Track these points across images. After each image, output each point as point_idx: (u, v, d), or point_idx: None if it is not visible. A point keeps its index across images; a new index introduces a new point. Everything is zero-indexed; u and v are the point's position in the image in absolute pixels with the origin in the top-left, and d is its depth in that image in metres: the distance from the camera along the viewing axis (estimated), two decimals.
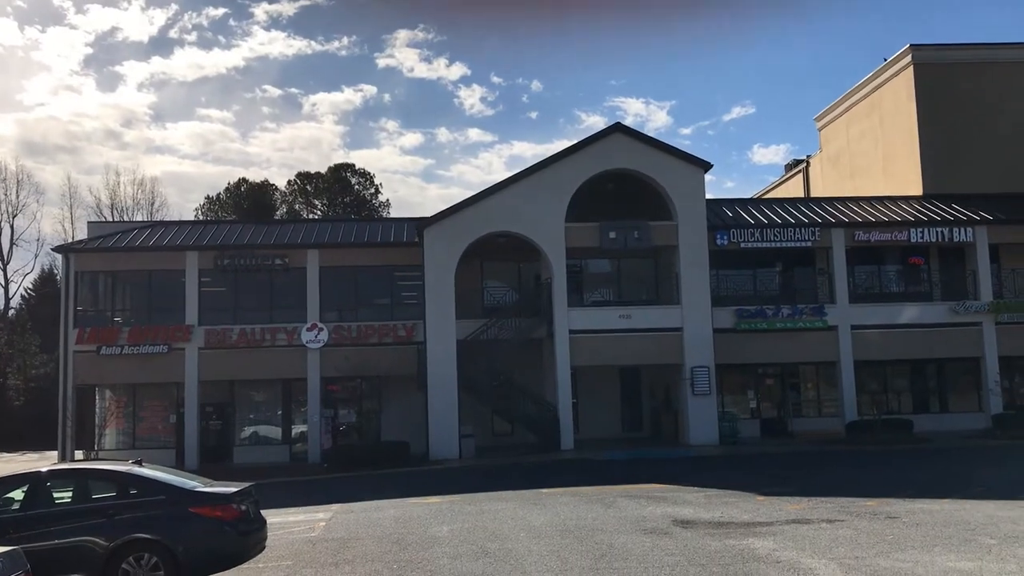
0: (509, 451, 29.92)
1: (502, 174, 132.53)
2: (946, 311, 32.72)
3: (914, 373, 34.21)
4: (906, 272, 34.64)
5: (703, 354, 30.49)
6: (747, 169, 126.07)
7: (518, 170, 32.88)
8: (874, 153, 39.67)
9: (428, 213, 36.70)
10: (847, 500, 15.90)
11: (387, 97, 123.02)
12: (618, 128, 32.02)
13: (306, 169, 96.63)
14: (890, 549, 11.19)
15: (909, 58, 36.55)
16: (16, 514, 10.42)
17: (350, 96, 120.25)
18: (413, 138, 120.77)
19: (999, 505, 14.62)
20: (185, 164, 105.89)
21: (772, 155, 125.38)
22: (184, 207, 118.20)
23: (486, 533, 13.67)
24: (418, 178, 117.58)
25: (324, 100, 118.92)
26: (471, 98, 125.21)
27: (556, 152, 31.91)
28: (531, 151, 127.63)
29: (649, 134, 35.46)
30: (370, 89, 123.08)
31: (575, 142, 31.97)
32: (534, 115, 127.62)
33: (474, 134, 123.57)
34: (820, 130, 45.65)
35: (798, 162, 49.35)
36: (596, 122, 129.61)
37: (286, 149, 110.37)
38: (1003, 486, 17.34)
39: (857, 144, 41.33)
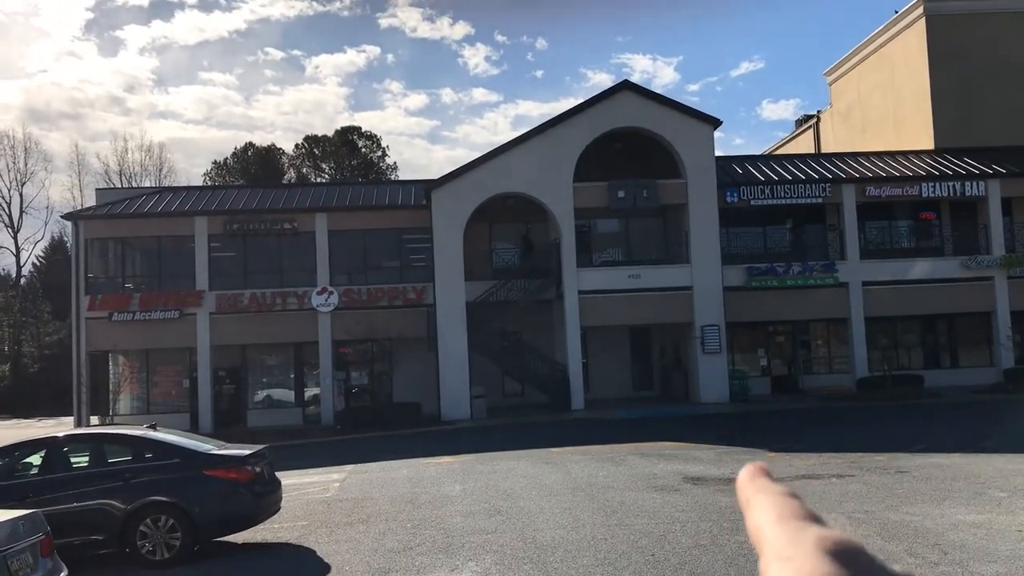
0: (520, 411, 30.11)
1: (508, 134, 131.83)
2: (958, 266, 32.53)
3: (925, 328, 34.11)
4: (917, 227, 34.41)
5: (713, 312, 30.47)
6: (756, 125, 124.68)
7: (524, 130, 32.60)
8: (885, 107, 39.20)
9: (434, 175, 36.61)
10: (857, 455, 15.96)
11: (390, 58, 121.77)
12: (626, 85, 31.69)
13: (311, 132, 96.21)
14: (900, 503, 11.24)
15: (920, 10, 35.95)
16: (35, 478, 10.57)
17: (353, 57, 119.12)
18: (418, 99, 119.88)
19: (1009, 459, 14.65)
20: (190, 129, 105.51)
21: (782, 111, 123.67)
22: (191, 172, 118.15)
23: (498, 492, 13.79)
24: (424, 140, 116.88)
25: (327, 62, 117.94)
26: (475, 57, 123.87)
27: (563, 111, 31.70)
28: (537, 110, 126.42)
29: (657, 91, 35.10)
30: (373, 50, 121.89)
31: (582, 101, 31.75)
32: (539, 74, 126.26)
33: (479, 94, 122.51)
34: (830, 85, 45.11)
35: (808, 118, 48.88)
36: (603, 79, 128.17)
37: (290, 112, 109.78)
38: (1014, 440, 17.37)
39: (868, 98, 40.84)
